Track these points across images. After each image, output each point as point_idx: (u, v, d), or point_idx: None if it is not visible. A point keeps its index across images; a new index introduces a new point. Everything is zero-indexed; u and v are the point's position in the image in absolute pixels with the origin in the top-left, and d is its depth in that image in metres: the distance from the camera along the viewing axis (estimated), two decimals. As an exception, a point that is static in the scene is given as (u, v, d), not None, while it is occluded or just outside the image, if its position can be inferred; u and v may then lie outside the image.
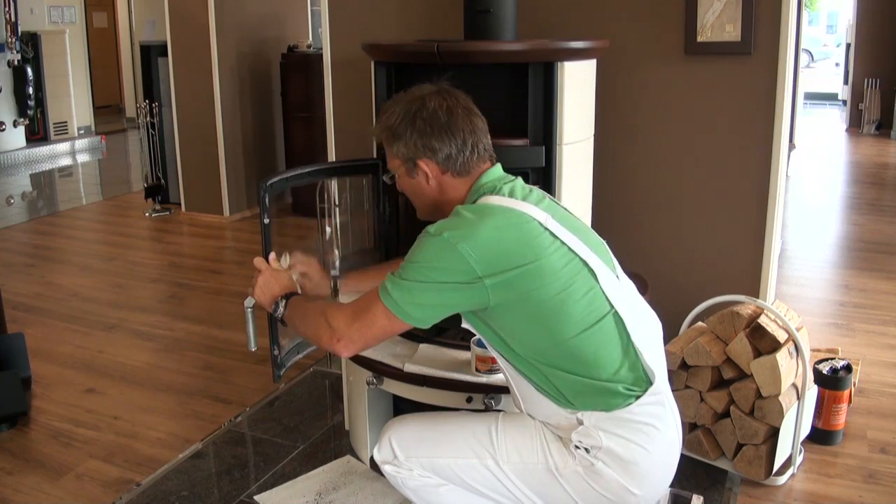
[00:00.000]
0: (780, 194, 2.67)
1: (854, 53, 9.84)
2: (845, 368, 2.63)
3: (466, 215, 1.56)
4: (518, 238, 1.52)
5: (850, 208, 6.25)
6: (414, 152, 1.66)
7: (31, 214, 6.44)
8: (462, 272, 1.50)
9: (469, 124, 1.66)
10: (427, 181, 1.69)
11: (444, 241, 1.51)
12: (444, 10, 2.93)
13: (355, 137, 3.21)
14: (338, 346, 1.59)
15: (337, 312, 1.60)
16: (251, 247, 5.15)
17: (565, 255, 1.55)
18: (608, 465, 1.55)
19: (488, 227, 1.52)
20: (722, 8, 2.59)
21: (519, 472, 1.62)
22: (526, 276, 1.51)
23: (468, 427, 1.69)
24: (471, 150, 1.66)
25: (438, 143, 1.64)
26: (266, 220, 2.10)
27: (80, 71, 9.29)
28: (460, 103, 1.67)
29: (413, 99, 1.68)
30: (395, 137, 1.68)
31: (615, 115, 2.80)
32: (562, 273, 1.53)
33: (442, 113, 1.64)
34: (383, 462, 1.72)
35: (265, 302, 1.78)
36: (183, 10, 5.58)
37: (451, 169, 1.67)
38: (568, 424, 1.59)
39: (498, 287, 1.50)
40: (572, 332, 1.53)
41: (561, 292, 1.52)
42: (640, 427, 1.56)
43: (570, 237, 1.57)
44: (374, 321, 1.55)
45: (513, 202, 1.58)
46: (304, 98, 5.72)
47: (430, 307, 1.53)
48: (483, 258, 1.49)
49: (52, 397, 3.05)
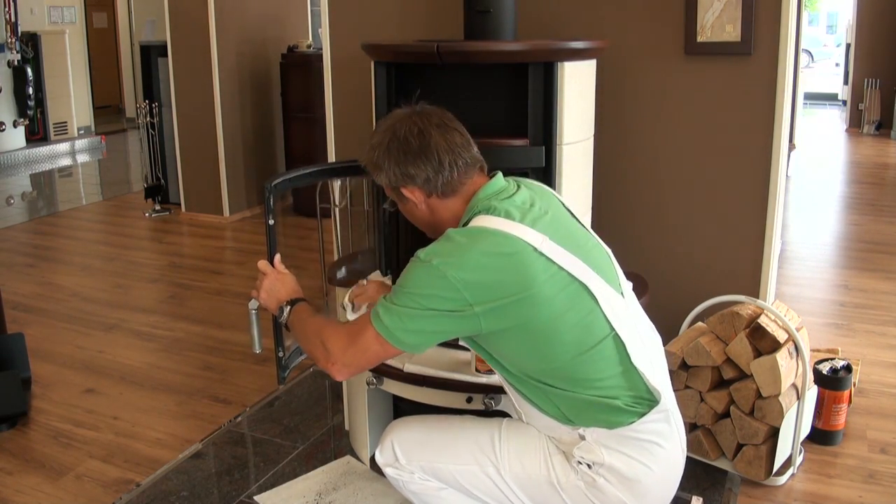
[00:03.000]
0: (780, 194, 2.67)
1: (854, 53, 9.84)
2: (845, 368, 2.63)
3: (457, 240, 1.52)
4: (509, 267, 1.48)
5: (850, 208, 6.25)
6: (395, 181, 1.64)
7: (31, 214, 6.44)
8: (452, 300, 1.47)
9: (444, 142, 1.60)
10: (417, 206, 1.67)
11: (433, 268, 1.47)
12: (444, 10, 2.93)
13: (355, 137, 3.21)
14: (332, 369, 1.58)
15: (333, 335, 1.58)
16: (251, 247, 5.15)
17: (561, 280, 1.50)
18: (610, 482, 1.54)
19: (478, 253, 1.48)
20: (722, 8, 2.59)
21: (520, 481, 1.61)
22: (517, 306, 1.47)
23: (471, 433, 1.68)
24: (450, 169, 1.60)
25: (414, 169, 1.60)
26: (271, 222, 2.07)
27: (80, 71, 9.29)
28: (433, 122, 1.62)
29: (386, 129, 1.64)
30: (377, 169, 1.66)
31: (615, 115, 2.79)
32: (556, 300, 1.49)
33: (413, 138, 1.60)
34: (385, 464, 1.72)
35: (270, 306, 1.77)
36: (183, 10, 5.57)
37: (434, 191, 1.63)
38: (570, 439, 1.57)
39: (489, 315, 1.48)
40: (567, 356, 1.51)
41: (555, 320, 1.49)
42: (644, 445, 1.54)
43: (568, 259, 1.52)
44: (368, 347, 1.53)
45: (507, 224, 1.52)
46: (304, 98, 5.72)
47: (422, 334, 1.51)
48: (473, 286, 1.46)
49: (52, 397, 3.05)
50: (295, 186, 2.28)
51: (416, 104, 1.68)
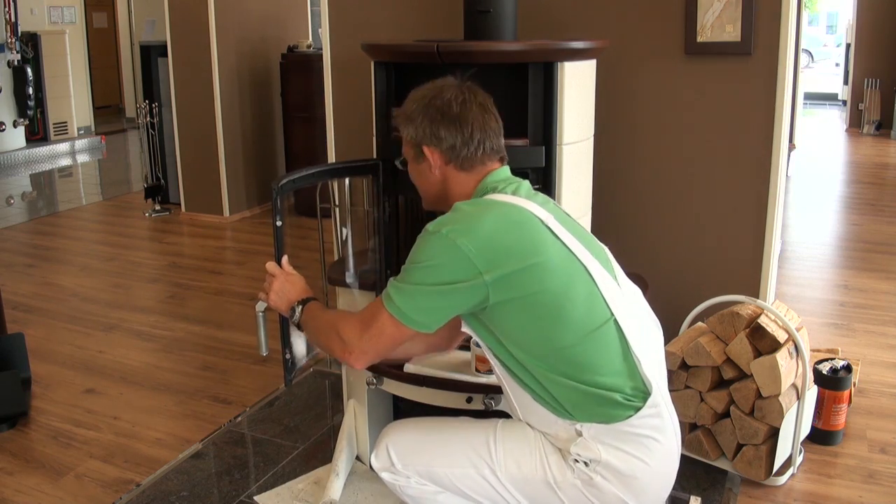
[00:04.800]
0: (780, 194, 2.67)
1: (854, 53, 9.84)
2: (845, 368, 2.63)
3: (466, 209, 1.56)
4: (519, 233, 1.52)
5: (850, 208, 6.25)
6: (421, 137, 1.67)
7: (31, 214, 6.44)
8: (462, 269, 1.49)
9: (481, 120, 1.66)
10: (431, 169, 1.69)
11: (442, 237, 1.50)
12: (444, 10, 2.93)
13: (355, 137, 3.21)
14: (350, 358, 1.58)
15: (347, 324, 1.59)
16: (251, 247, 5.15)
17: (566, 256, 1.54)
18: (607, 480, 1.54)
19: (488, 220, 1.52)
20: (722, 8, 2.59)
21: (516, 483, 1.61)
22: (526, 275, 1.49)
23: (466, 436, 1.67)
24: (476, 146, 1.65)
25: (445, 132, 1.64)
26: (279, 223, 2.05)
27: (80, 71, 9.30)
28: (477, 100, 1.68)
29: (433, 87, 1.69)
30: (408, 121, 1.69)
31: (615, 115, 2.79)
32: (562, 274, 1.52)
33: (456, 104, 1.65)
34: (381, 469, 1.71)
35: (282, 307, 1.76)
36: (183, 10, 5.58)
37: (454, 161, 1.66)
38: (567, 436, 1.57)
39: (498, 284, 1.49)
40: (572, 337, 1.52)
41: (561, 295, 1.51)
42: (641, 440, 1.54)
43: (570, 239, 1.56)
44: (383, 330, 1.54)
45: (515, 199, 1.58)
46: (304, 98, 5.72)
47: (434, 311, 1.52)
48: (483, 253, 1.48)
49: (52, 398, 3.05)
50: (301, 186, 2.25)
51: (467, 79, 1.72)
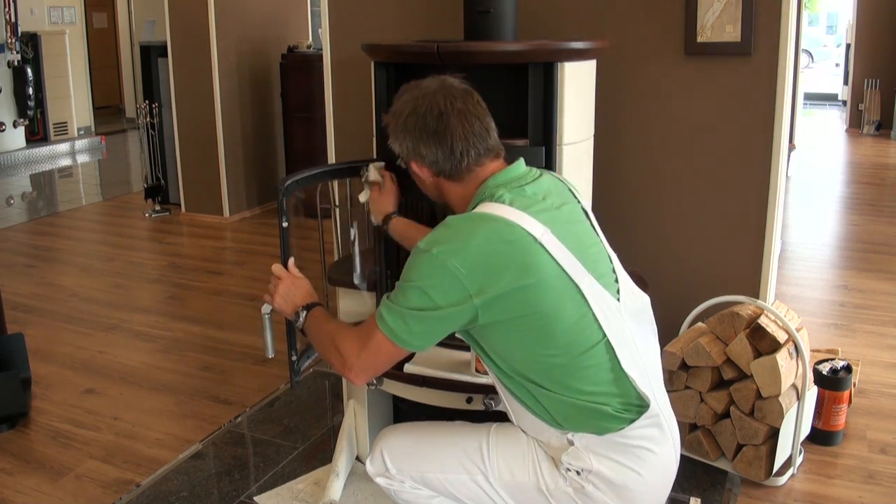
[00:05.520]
0: (780, 194, 2.67)
1: (854, 54, 9.84)
2: (845, 369, 2.63)
3: (457, 226, 1.52)
4: (509, 254, 1.47)
5: (850, 209, 6.25)
6: (406, 154, 1.65)
7: (31, 215, 6.44)
8: (452, 291, 1.46)
9: (461, 130, 1.59)
10: (423, 181, 1.69)
11: (433, 258, 1.47)
12: (444, 10, 2.93)
13: (355, 137, 3.21)
14: (350, 375, 1.58)
15: (346, 340, 1.58)
16: (251, 247, 5.15)
17: (558, 276, 1.49)
18: (599, 489, 1.53)
19: (479, 240, 1.47)
20: (722, 8, 2.59)
21: (509, 489, 1.61)
22: (515, 297, 1.46)
23: (460, 442, 1.67)
24: (460, 157, 1.60)
25: (426, 150, 1.61)
26: (285, 224, 2.03)
27: (80, 71, 9.29)
28: (455, 107, 1.60)
29: (410, 99, 1.64)
30: (393, 137, 1.67)
31: (615, 115, 2.79)
32: (553, 295, 1.48)
33: (432, 118, 1.59)
34: (376, 474, 1.72)
35: (286, 311, 1.76)
36: (183, 10, 5.58)
37: (442, 174, 1.64)
38: (558, 444, 1.56)
39: (487, 307, 1.47)
40: (561, 357, 1.50)
41: (551, 317, 1.48)
42: (633, 450, 1.53)
43: (566, 257, 1.50)
44: (379, 349, 1.53)
45: (509, 212, 1.51)
46: (304, 98, 5.72)
47: (425, 334, 1.51)
48: (473, 275, 1.45)
49: (52, 398, 3.05)
50: (307, 186, 2.23)
51: (448, 75, 1.66)
